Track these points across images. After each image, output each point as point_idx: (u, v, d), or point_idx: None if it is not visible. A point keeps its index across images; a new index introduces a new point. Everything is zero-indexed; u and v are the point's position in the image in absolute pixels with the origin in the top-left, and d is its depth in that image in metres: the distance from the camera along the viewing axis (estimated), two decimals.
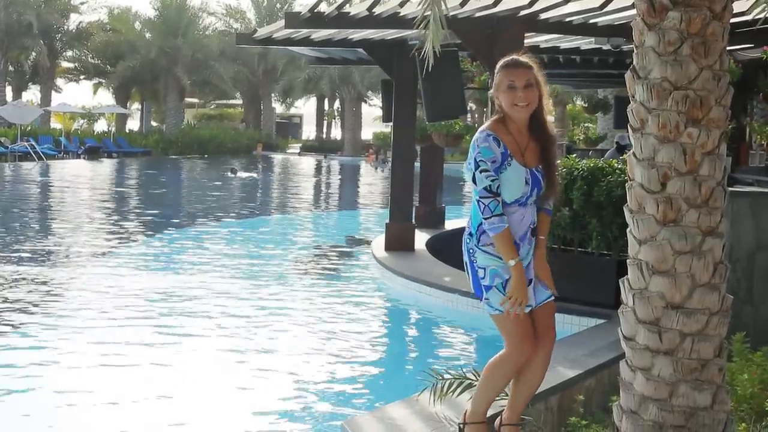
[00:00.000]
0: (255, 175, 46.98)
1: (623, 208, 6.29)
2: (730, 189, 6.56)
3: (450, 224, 20.74)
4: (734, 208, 8.81)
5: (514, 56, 5.48)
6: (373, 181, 46.55)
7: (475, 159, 5.28)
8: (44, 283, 14.07)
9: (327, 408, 8.25)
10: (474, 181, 5.30)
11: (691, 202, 5.94)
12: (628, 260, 6.20)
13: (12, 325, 11.14)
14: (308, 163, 64.34)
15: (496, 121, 5.42)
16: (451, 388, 6.27)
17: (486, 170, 5.26)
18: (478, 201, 5.31)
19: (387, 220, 17.50)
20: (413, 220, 18.06)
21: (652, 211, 6.01)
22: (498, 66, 5.48)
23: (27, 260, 16.26)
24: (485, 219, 5.30)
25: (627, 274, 6.20)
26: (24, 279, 14.20)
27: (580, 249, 11.60)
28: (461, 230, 5.58)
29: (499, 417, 5.64)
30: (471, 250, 5.46)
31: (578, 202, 11.14)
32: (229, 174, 44.16)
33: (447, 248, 17.30)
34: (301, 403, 8.38)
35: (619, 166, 11.01)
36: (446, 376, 6.29)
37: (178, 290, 13.74)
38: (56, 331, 11.01)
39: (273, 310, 12.57)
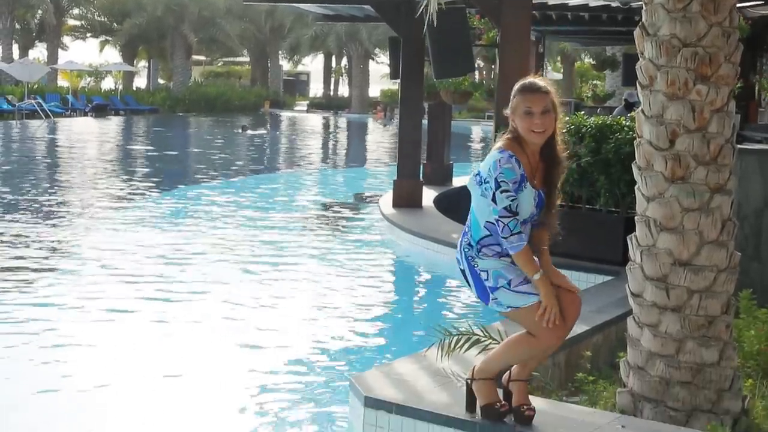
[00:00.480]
0: (265, 132, 46.93)
1: (631, 165, 6.29)
2: (739, 146, 6.55)
3: (458, 181, 20.72)
4: (743, 165, 8.79)
5: (532, 80, 5.44)
6: (380, 138, 46.48)
7: (496, 179, 5.24)
8: (53, 240, 14.12)
9: (335, 364, 8.30)
10: (494, 200, 5.28)
11: (699, 159, 5.94)
12: (636, 217, 6.21)
13: (22, 282, 11.18)
14: (316, 120, 64.26)
15: (512, 141, 5.39)
16: (459, 344, 6.29)
17: (507, 191, 5.23)
18: (497, 220, 5.26)
19: (395, 177, 17.51)
20: (421, 177, 18.06)
21: (660, 168, 6.01)
22: (516, 89, 5.44)
23: (35, 218, 16.30)
24: (504, 238, 5.27)
25: (635, 230, 6.21)
26: (32, 236, 14.24)
27: (587, 206, 11.60)
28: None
29: (508, 372, 5.67)
30: (470, 258, 5.45)
31: (586, 160, 11.12)
32: (239, 131, 44.13)
33: (454, 205, 17.31)
34: (309, 360, 8.42)
35: (628, 124, 10.98)
36: (454, 332, 6.31)
37: (186, 246, 13.77)
38: (65, 286, 11.07)
39: (280, 267, 12.60)
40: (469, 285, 5.50)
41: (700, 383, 5.97)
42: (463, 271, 5.52)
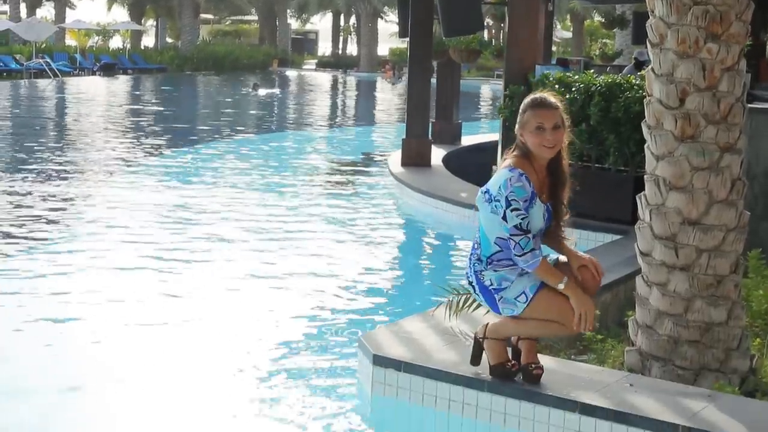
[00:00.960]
0: (276, 91, 46.84)
1: (641, 124, 6.27)
2: (749, 105, 6.52)
3: (466, 140, 20.69)
4: (753, 124, 8.76)
5: (543, 96, 5.43)
6: (389, 97, 46.37)
7: (507, 198, 5.24)
8: (62, 198, 14.13)
9: (343, 322, 8.31)
10: (505, 219, 5.27)
11: (709, 118, 5.92)
12: (645, 176, 6.20)
13: (31, 238, 11.21)
14: (324, 79, 64.10)
15: (521, 158, 5.39)
16: (467, 303, 6.31)
17: (518, 209, 5.24)
18: (509, 238, 5.28)
19: (403, 136, 17.48)
20: (430, 136, 18.03)
21: (670, 127, 5.99)
22: (525, 104, 5.43)
23: (43, 176, 16.31)
24: (518, 256, 5.30)
25: (644, 189, 6.20)
26: (42, 194, 14.26)
27: (597, 165, 11.58)
28: (478, 146, 5.56)
29: None
30: (478, 272, 5.50)
31: (596, 118, 11.09)
32: (250, 90, 44.08)
33: (463, 164, 17.30)
34: (317, 318, 8.44)
35: (638, 82, 10.94)
36: (462, 291, 6.33)
37: (195, 205, 13.78)
38: (72, 243, 11.09)
39: (288, 226, 12.61)
40: (479, 297, 5.58)
41: (708, 342, 5.98)
42: (471, 284, 5.59)
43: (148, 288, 9.19)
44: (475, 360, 5.78)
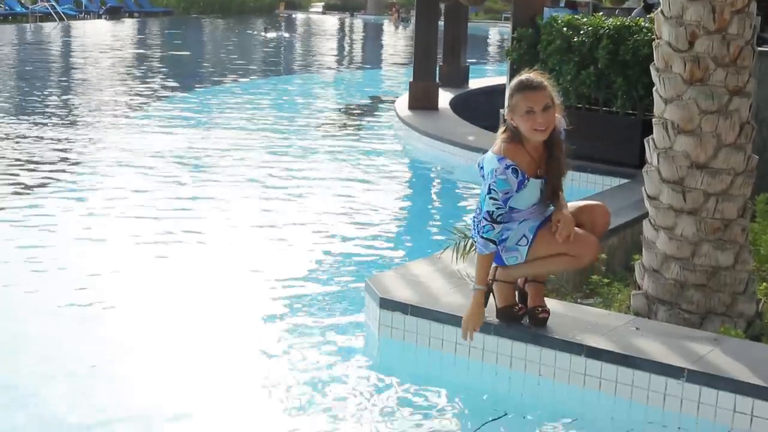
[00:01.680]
0: (284, 34, 46.68)
1: (650, 67, 6.24)
2: (759, 48, 6.48)
3: (474, 83, 20.62)
4: (762, 68, 8.70)
5: (528, 77, 5.38)
6: (396, 40, 46.15)
7: (489, 186, 5.31)
8: (68, 140, 14.12)
9: (350, 266, 8.33)
10: (482, 198, 5.39)
11: (718, 61, 5.88)
12: (653, 119, 6.18)
13: (37, 182, 11.22)
14: (332, 22, 63.76)
15: (513, 144, 5.39)
16: (474, 247, 6.31)
17: (495, 199, 5.31)
18: (480, 218, 5.41)
19: (410, 79, 17.41)
20: (437, 79, 17.95)
21: (678, 70, 5.95)
22: (513, 88, 5.41)
23: (50, 120, 16.28)
24: (478, 235, 5.41)
25: (652, 133, 6.18)
26: (48, 138, 14.25)
27: (605, 108, 11.54)
28: (485, 89, 5.55)
29: None
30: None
31: (604, 61, 11.04)
32: (262, 33, 43.94)
33: (471, 107, 17.24)
34: (324, 262, 8.46)
35: (646, 25, 10.87)
36: (469, 234, 6.33)
37: (202, 148, 13.77)
38: (80, 186, 11.10)
39: (296, 169, 12.60)
40: None
41: (714, 286, 5.99)
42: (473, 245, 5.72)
43: (158, 231, 9.20)
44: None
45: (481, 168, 5.42)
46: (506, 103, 5.42)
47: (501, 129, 5.50)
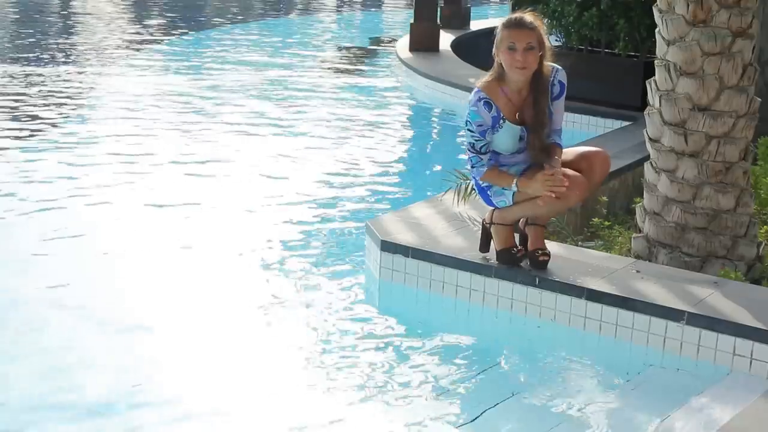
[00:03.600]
0: None
1: (652, 7, 6.19)
2: None
3: (475, 25, 20.50)
4: (766, 9, 8.64)
5: (519, 15, 5.40)
6: None
7: (466, 117, 5.43)
8: (68, 80, 14.04)
9: (351, 207, 8.32)
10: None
11: (722, 1, 5.84)
12: (655, 61, 6.15)
13: (38, 120, 11.19)
14: None
15: (494, 80, 5.43)
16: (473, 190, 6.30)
17: (470, 131, 5.40)
18: (466, 151, 5.51)
19: (411, 21, 17.30)
20: (438, 21, 17.84)
21: (681, 11, 5.91)
22: (502, 24, 5.43)
23: (45, 61, 16.19)
24: (469, 167, 5.50)
25: (654, 75, 6.15)
26: (47, 76, 14.17)
27: (606, 50, 11.48)
28: (487, 31, 5.54)
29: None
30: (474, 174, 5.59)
31: (606, 2, 10.96)
32: None
33: (472, 49, 17.14)
34: (324, 204, 8.44)
35: None
36: (469, 176, 6.31)
37: (201, 91, 13.71)
38: (84, 125, 11.07)
39: (295, 111, 12.56)
40: (480, 197, 5.71)
41: (715, 229, 5.99)
42: (475, 190, 5.77)
43: (156, 177, 9.17)
44: (484, 246, 5.81)
45: None
46: (495, 40, 5.42)
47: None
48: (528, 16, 5.38)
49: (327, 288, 6.28)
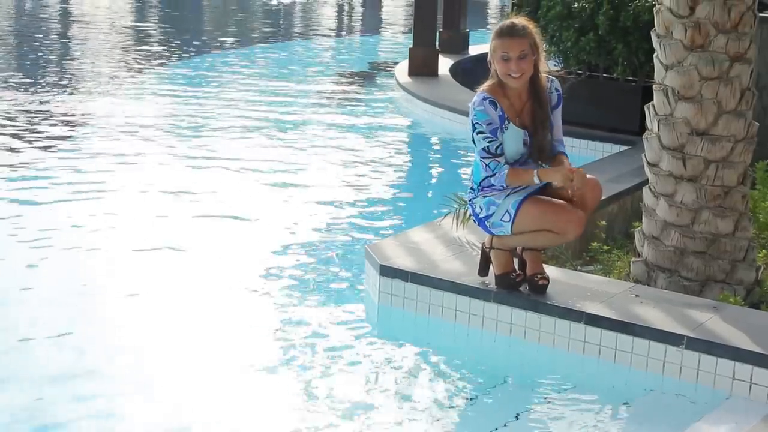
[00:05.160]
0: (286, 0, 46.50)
1: (650, 33, 6.21)
2: (760, 14, 6.45)
3: (474, 49, 20.53)
4: (763, 34, 8.67)
5: (511, 23, 5.41)
6: (396, 5, 45.94)
7: (472, 122, 5.40)
8: (72, 107, 14.07)
9: (350, 232, 8.32)
10: (473, 142, 5.44)
11: (719, 27, 5.85)
12: (653, 86, 6.16)
13: (38, 141, 11.20)
14: None
15: (494, 85, 5.46)
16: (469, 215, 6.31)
17: (482, 132, 5.37)
18: (481, 161, 5.44)
19: (410, 45, 17.34)
20: (437, 45, 17.88)
21: (679, 36, 5.93)
22: (494, 31, 5.45)
23: (49, 87, 16.21)
24: (489, 177, 5.44)
25: (652, 100, 6.16)
26: (53, 105, 14.20)
27: (605, 75, 11.51)
28: (486, 56, 5.55)
29: None
30: (471, 201, 5.61)
31: (604, 27, 10.99)
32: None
33: (471, 73, 17.17)
34: (324, 228, 8.45)
35: None
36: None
37: (201, 113, 13.71)
38: (88, 140, 11.08)
39: (295, 134, 12.57)
40: (476, 222, 5.70)
41: (714, 253, 5.99)
42: (471, 218, 5.76)
43: (156, 197, 9.18)
44: (483, 270, 5.81)
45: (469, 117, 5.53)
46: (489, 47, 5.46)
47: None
48: (519, 21, 5.41)
49: (326, 312, 6.27)
